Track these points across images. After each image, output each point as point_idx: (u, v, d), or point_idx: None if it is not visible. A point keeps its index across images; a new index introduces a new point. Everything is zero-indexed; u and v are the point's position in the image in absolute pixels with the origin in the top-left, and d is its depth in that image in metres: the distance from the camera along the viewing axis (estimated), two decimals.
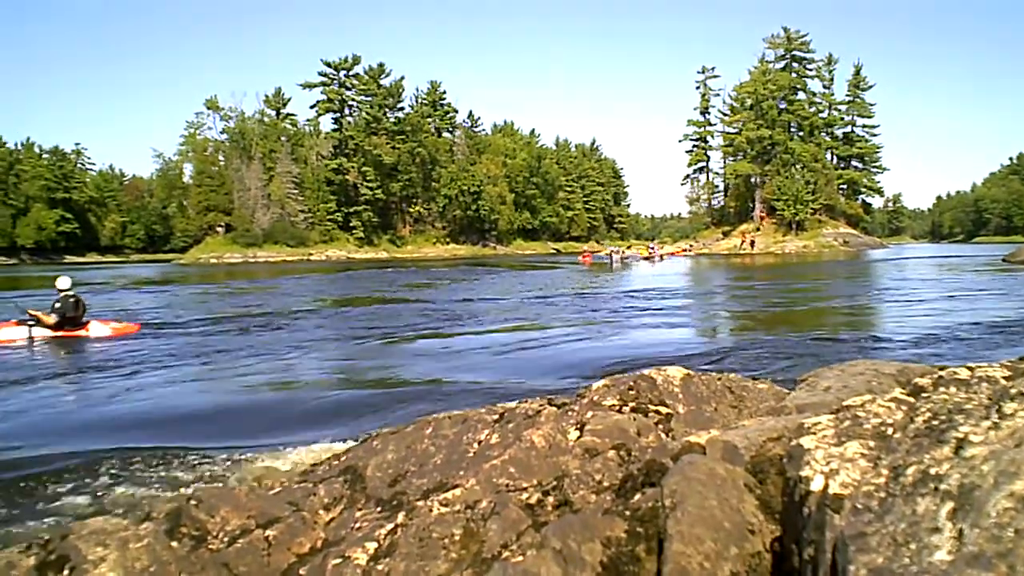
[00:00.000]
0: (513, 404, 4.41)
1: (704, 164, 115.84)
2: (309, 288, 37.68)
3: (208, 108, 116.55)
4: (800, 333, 15.84)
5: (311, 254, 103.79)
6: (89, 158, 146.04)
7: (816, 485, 2.09)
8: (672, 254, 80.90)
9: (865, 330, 16.77)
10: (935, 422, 2.08)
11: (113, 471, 6.70)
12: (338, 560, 3.03)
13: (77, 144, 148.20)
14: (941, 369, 2.54)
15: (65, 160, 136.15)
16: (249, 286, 40.52)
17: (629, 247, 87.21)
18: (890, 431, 2.18)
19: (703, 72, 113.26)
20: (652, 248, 76.95)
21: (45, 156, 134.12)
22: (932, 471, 1.88)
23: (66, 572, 3.19)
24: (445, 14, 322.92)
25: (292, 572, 3.21)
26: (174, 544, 3.36)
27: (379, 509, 3.61)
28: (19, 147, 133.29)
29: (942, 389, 2.27)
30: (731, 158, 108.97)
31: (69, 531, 3.48)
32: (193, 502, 3.65)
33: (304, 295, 32.49)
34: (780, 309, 22.55)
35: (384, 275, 49.68)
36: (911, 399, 2.32)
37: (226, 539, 3.44)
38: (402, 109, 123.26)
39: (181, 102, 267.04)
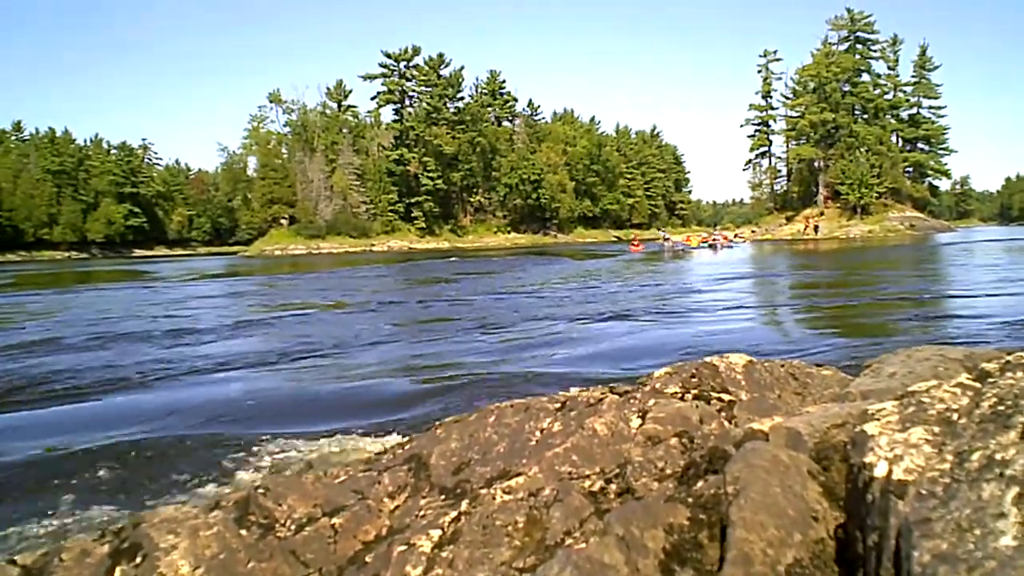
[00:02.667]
0: (575, 392, 4.42)
1: (766, 149, 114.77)
2: (371, 279, 37.97)
3: (271, 101, 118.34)
4: (866, 319, 15.64)
5: (373, 245, 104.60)
6: (156, 153, 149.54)
7: (880, 471, 2.08)
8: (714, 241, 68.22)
9: (932, 315, 16.46)
10: (1001, 407, 2.05)
11: (180, 459, 6.82)
12: (403, 547, 3.07)
13: (144, 139, 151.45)
14: (1009, 354, 2.51)
15: (133, 155, 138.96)
16: (313, 277, 40.96)
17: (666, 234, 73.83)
18: (955, 416, 2.16)
19: (765, 56, 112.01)
20: (715, 235, 69.96)
21: (113, 152, 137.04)
22: (998, 456, 1.86)
23: (138, 559, 3.27)
24: (504, 4, 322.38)
25: (358, 559, 3.25)
26: (243, 532, 3.43)
27: (443, 497, 3.64)
28: (88, 143, 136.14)
29: (1009, 374, 2.24)
30: (794, 142, 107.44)
31: (141, 519, 3.56)
32: (261, 490, 3.71)
33: (366, 286, 32.77)
34: (845, 295, 22.25)
35: (444, 265, 49.89)
36: (977, 384, 2.29)
37: (293, 527, 3.50)
38: (462, 99, 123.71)
39: (245, 96, 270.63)
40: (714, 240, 66.67)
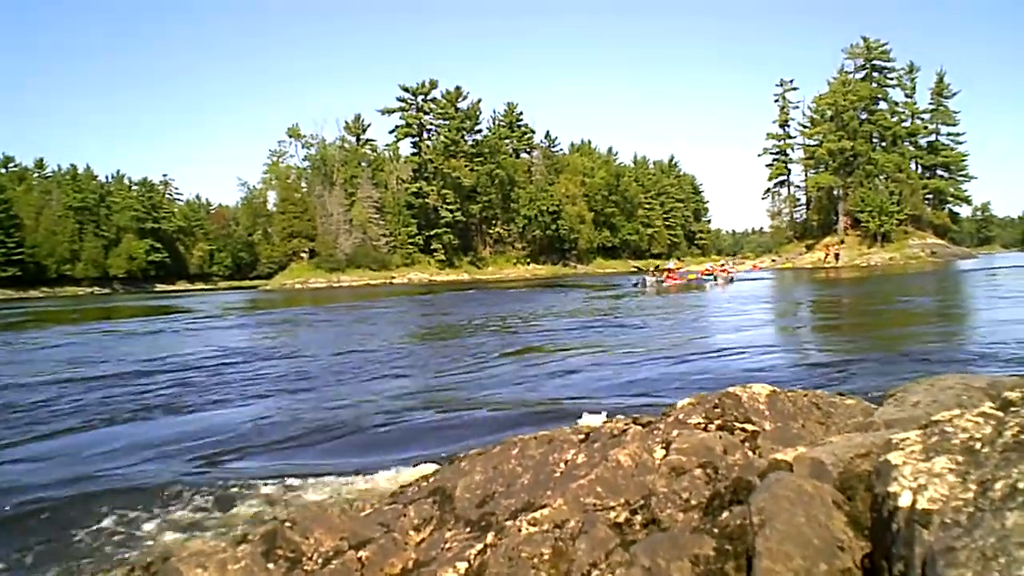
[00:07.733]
0: (598, 423, 4.43)
1: (785, 177, 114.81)
2: (391, 313, 38.07)
3: (290, 136, 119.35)
4: (889, 348, 15.56)
5: (393, 278, 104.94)
6: (177, 188, 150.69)
7: (904, 501, 2.09)
8: (703, 273, 57.84)
9: (956, 344, 16.33)
10: (1023, 436, 2.06)
11: (211, 494, 6.85)
12: None
13: (165, 175, 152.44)
14: None
15: (154, 191, 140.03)
16: (333, 311, 41.04)
17: (657, 267, 59.94)
18: (978, 445, 2.17)
19: (782, 85, 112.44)
20: (726, 265, 62.32)
21: (135, 188, 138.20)
22: (1021, 485, 1.87)
23: None
24: (521, 37, 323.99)
25: None
26: (270, 566, 3.45)
27: (468, 530, 3.65)
28: (110, 179, 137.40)
29: None
30: (812, 170, 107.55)
31: (170, 553, 3.59)
32: (288, 524, 3.74)
33: (387, 320, 32.87)
34: (868, 324, 22.17)
35: (464, 297, 49.95)
36: (1000, 413, 2.30)
37: (320, 560, 3.52)
38: (480, 131, 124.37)
39: (264, 131, 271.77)
40: (722, 270, 57.16)
